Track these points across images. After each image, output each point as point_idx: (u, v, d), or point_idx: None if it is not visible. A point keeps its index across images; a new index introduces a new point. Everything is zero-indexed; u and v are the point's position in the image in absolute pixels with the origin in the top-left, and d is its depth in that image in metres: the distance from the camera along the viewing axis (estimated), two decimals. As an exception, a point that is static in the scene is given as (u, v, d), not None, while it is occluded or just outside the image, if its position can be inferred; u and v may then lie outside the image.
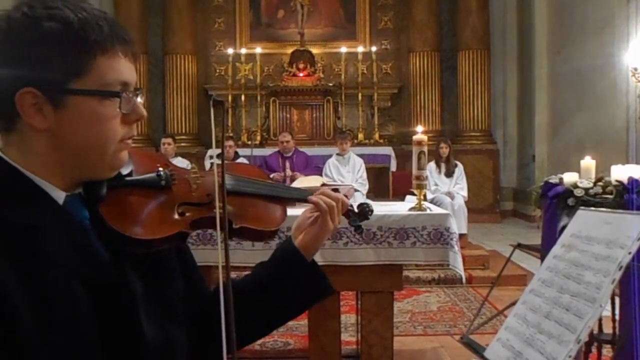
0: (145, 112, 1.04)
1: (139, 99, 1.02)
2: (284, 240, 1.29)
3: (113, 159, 1.00)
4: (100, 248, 0.98)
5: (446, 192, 7.23)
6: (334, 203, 1.26)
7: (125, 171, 1.06)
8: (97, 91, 0.95)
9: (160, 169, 1.08)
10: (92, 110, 0.96)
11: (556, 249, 1.41)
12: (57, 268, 0.91)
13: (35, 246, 0.90)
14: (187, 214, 1.08)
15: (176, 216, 1.06)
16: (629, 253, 1.21)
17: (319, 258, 1.30)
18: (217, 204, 1.03)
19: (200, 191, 1.11)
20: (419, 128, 3.78)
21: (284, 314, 1.28)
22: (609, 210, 1.43)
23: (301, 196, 1.29)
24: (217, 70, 11.23)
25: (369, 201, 1.42)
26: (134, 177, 1.06)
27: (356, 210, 1.33)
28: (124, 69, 0.99)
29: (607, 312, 3.04)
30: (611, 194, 2.98)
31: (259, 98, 10.42)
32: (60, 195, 0.98)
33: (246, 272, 1.31)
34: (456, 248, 3.15)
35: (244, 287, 1.21)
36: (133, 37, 1.02)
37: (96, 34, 0.95)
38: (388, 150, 9.70)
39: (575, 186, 3.08)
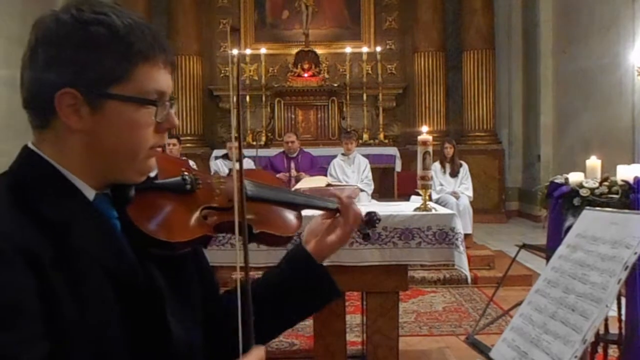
0: (177, 122, 1.07)
1: (173, 109, 1.04)
2: (294, 245, 1.29)
3: (142, 165, 1.02)
4: (128, 247, 1.00)
5: (451, 192, 7.22)
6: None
7: (151, 174, 1.08)
8: (135, 98, 0.97)
9: (186, 173, 1.10)
10: (128, 116, 0.97)
11: (562, 249, 1.41)
12: (89, 263, 0.92)
13: (68, 241, 0.91)
14: (210, 218, 1.10)
15: (200, 220, 1.08)
16: (635, 253, 1.20)
17: (324, 258, 1.30)
18: (236, 208, 1.05)
19: (223, 196, 1.13)
20: (424, 128, 3.78)
21: (294, 318, 1.29)
22: (614, 210, 1.43)
23: (324, 205, 1.30)
24: (222, 71, 11.25)
25: (376, 209, 1.44)
26: (161, 181, 1.08)
27: (365, 218, 1.34)
28: (163, 78, 1.01)
29: (613, 312, 3.03)
30: (617, 193, 2.97)
31: (263, 99, 10.45)
32: (90, 193, 0.99)
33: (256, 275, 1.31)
34: (461, 248, 3.14)
35: (254, 291, 1.22)
36: (172, 47, 1.04)
37: (140, 43, 0.96)
38: (393, 150, 9.70)
39: (581, 186, 3.07)
